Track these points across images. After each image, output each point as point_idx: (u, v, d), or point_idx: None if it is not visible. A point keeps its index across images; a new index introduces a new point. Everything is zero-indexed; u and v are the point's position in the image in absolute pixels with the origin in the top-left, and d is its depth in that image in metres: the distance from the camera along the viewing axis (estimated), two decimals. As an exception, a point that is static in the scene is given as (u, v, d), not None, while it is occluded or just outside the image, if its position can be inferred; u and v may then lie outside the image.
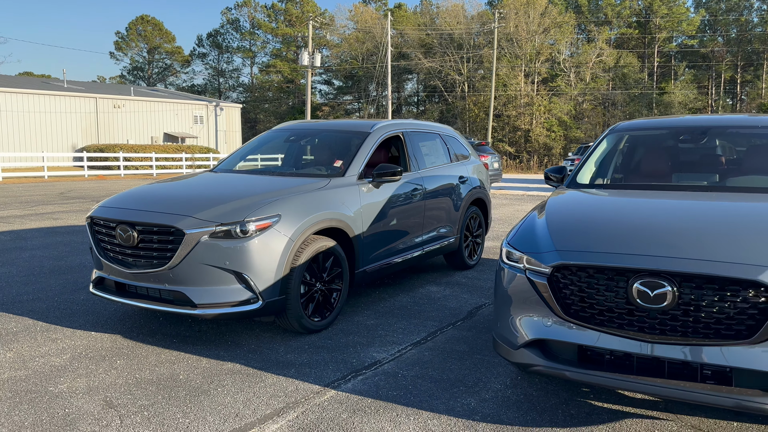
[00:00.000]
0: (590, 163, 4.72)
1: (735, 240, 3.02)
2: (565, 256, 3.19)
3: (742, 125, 4.90)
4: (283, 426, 3.34)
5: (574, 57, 60.19)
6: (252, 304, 4.43)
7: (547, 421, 3.41)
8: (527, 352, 3.33)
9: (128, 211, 4.68)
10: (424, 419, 3.43)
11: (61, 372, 4.05)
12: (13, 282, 6.54)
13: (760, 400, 2.77)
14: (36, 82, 43.77)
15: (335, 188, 5.22)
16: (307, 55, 38.98)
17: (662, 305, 2.90)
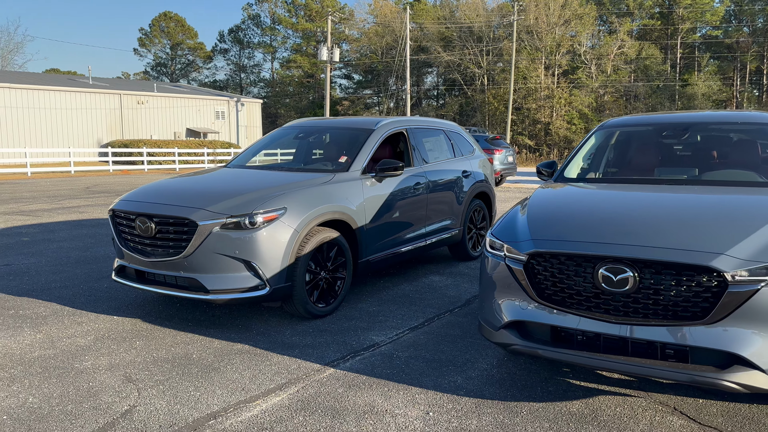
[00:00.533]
0: (578, 158, 4.99)
1: (693, 229, 3.28)
2: (539, 245, 3.48)
3: (722, 121, 5.12)
4: (284, 399, 3.68)
5: (595, 49, 59.74)
6: (260, 290, 4.78)
7: (525, 396, 3.71)
8: (506, 332, 3.63)
9: (147, 204, 5.06)
10: (412, 394, 3.75)
11: (86, 351, 4.45)
12: (42, 271, 6.98)
13: (713, 375, 3.04)
14: (62, 79, 44.74)
15: (339, 183, 5.54)
16: (326, 51, 39.33)
17: (625, 289, 3.18)
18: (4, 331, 4.86)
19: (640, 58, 58.81)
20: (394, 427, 3.32)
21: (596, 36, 61.95)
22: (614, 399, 3.66)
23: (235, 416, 3.45)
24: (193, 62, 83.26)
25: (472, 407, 3.57)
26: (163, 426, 3.33)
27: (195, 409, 3.54)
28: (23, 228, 10.30)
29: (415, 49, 64.60)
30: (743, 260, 3.01)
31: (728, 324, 3.00)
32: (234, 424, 3.35)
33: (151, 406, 3.58)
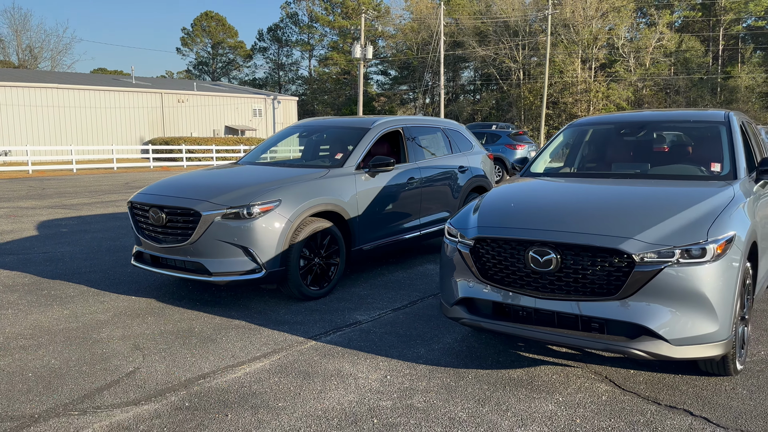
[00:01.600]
0: (545, 155, 5.42)
1: (612, 217, 3.72)
2: (483, 231, 3.96)
3: (674, 120, 5.46)
4: (266, 364, 4.25)
5: (634, 42, 58.85)
6: (256, 273, 5.37)
7: (476, 365, 4.19)
8: (458, 308, 4.12)
9: (159, 197, 5.70)
10: (377, 361, 4.27)
11: (104, 325, 5.11)
12: (75, 258, 7.74)
13: (624, 344, 3.48)
14: (107, 79, 46.52)
15: (333, 177, 6.09)
16: (359, 48, 39.94)
17: (550, 269, 3.64)
18: (37, 308, 5.57)
19: (680, 51, 57.72)
20: (354, 386, 3.85)
21: (635, 28, 60.97)
22: (554, 368, 4.12)
23: (222, 377, 4.04)
24: (233, 61, 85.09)
25: (426, 372, 4.07)
26: (159, 383, 3.94)
27: (189, 371, 4.14)
28: (63, 220, 11.17)
29: (451, 44, 64.72)
30: (649, 244, 3.44)
31: (637, 299, 3.44)
32: (219, 383, 3.94)
33: (152, 368, 4.19)
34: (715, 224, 3.54)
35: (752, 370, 4.03)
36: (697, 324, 3.42)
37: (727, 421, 3.33)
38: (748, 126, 5.55)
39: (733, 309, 3.52)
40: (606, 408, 3.52)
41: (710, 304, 3.40)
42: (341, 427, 3.34)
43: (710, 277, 3.41)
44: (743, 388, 3.74)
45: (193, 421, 3.42)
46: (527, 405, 3.57)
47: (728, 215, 3.68)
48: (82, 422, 3.41)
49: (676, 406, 3.54)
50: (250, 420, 3.43)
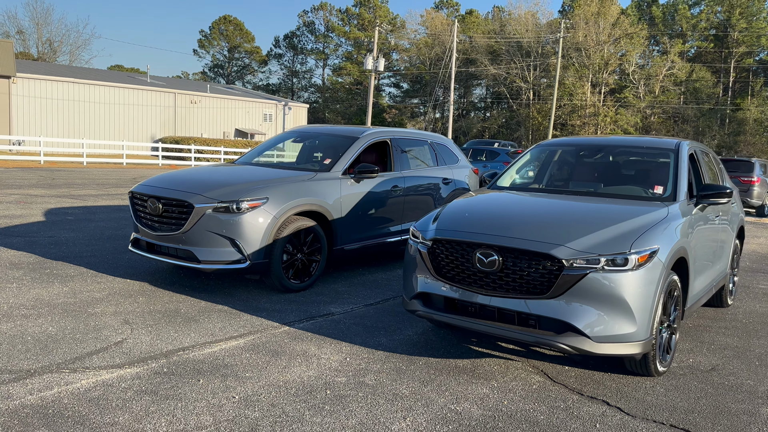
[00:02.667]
0: (512, 171, 5.89)
1: (550, 226, 4.19)
2: (439, 233, 4.43)
3: (631, 145, 5.93)
4: (240, 342, 4.72)
5: (644, 69, 59.39)
6: (241, 263, 5.86)
7: (428, 354, 4.65)
8: (415, 301, 4.58)
9: (157, 189, 6.20)
10: (340, 346, 4.74)
11: (99, 302, 5.59)
12: (78, 243, 8.25)
13: (551, 338, 3.93)
14: (123, 76, 47.39)
15: (319, 180, 6.58)
16: (372, 60, 40.63)
17: (493, 269, 4.10)
18: (39, 284, 6.07)
19: (690, 80, 58.23)
20: (315, 365, 4.32)
21: (646, 56, 61.52)
22: (497, 360, 4.58)
23: (199, 351, 4.51)
24: (248, 65, 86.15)
25: (382, 357, 4.53)
26: (143, 352, 4.42)
27: (170, 344, 4.61)
28: (70, 209, 11.71)
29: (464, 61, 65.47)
30: (578, 251, 3.90)
31: (565, 299, 3.90)
32: (196, 355, 4.41)
33: (138, 340, 4.67)
34: (641, 238, 4.00)
35: (675, 374, 4.47)
36: (617, 324, 3.87)
37: (636, 412, 3.77)
38: (703, 155, 6.02)
39: (652, 314, 3.97)
40: (534, 395, 3.97)
41: (629, 308, 3.85)
42: (297, 395, 3.80)
43: (631, 283, 3.86)
44: (661, 387, 4.18)
45: (168, 383, 3.89)
46: (464, 387, 4.03)
47: (655, 231, 4.14)
48: (72, 378, 3.89)
49: (596, 397, 3.98)
50: (218, 385, 3.89)
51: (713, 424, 3.64)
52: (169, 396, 3.71)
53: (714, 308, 6.49)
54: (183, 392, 3.77)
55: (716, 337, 5.48)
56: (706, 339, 5.39)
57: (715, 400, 4.02)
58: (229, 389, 3.83)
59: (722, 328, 5.79)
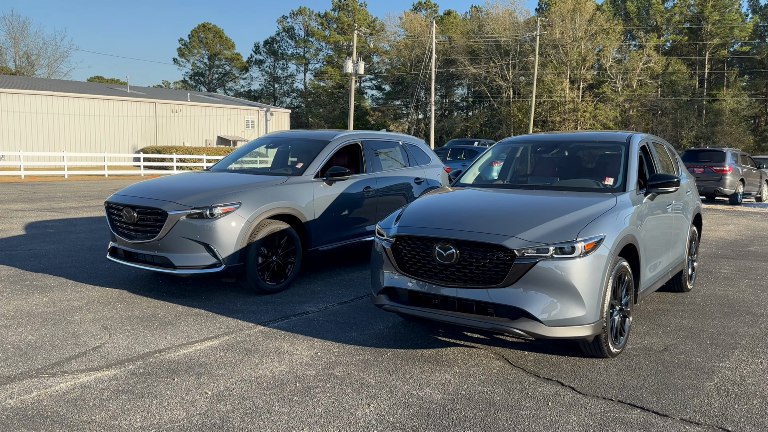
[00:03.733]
0: (475, 168, 6.13)
1: (502, 219, 4.42)
2: (401, 230, 4.65)
3: (585, 140, 6.20)
4: (216, 343, 4.91)
5: (621, 64, 60.11)
6: (216, 267, 6.04)
7: (397, 345, 4.86)
8: (382, 296, 4.79)
9: (132, 197, 6.37)
10: (312, 342, 4.94)
11: (78, 310, 5.75)
12: (58, 255, 8.39)
13: (506, 324, 4.16)
14: (102, 87, 47.26)
15: (291, 184, 6.78)
16: (351, 63, 40.87)
17: (451, 261, 4.32)
18: (19, 295, 6.21)
19: (666, 74, 59.02)
20: (287, 360, 4.51)
21: (623, 50, 62.25)
22: (461, 349, 4.80)
23: (175, 352, 4.69)
24: (229, 72, 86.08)
25: (352, 351, 4.74)
26: (120, 355, 4.59)
27: (147, 347, 4.79)
28: (51, 222, 11.81)
29: (444, 61, 65.88)
30: (528, 241, 4.13)
31: (517, 287, 4.13)
32: (172, 356, 4.59)
33: (116, 344, 4.84)
34: (587, 227, 4.25)
35: (629, 355, 4.71)
36: (568, 308, 4.11)
37: (588, 390, 4.01)
38: (657, 147, 6.29)
39: (601, 298, 4.21)
40: (492, 379, 4.19)
41: (578, 293, 4.09)
42: (268, 388, 4.00)
43: (579, 270, 4.10)
44: (614, 367, 4.42)
45: (144, 382, 4.08)
46: (428, 374, 4.25)
47: (603, 220, 4.39)
48: (51, 382, 4.06)
49: (551, 378, 4.21)
50: (192, 383, 4.08)
51: (658, 398, 3.89)
52: (145, 394, 3.89)
53: (674, 293, 6.76)
54: (158, 390, 3.95)
55: (673, 319, 5.74)
56: (662, 321, 5.65)
57: (664, 377, 4.27)
58: (203, 386, 4.02)
59: (679, 311, 6.05)
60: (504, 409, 3.71)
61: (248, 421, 3.53)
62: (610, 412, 3.69)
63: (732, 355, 4.76)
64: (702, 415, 3.68)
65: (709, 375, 4.32)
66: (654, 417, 3.63)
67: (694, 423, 3.57)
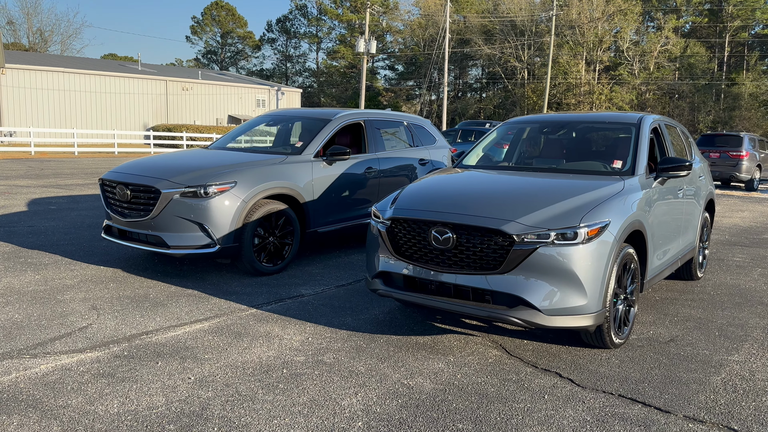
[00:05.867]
0: (478, 149, 5.90)
1: (502, 203, 4.21)
2: (396, 213, 4.45)
3: (594, 121, 5.94)
4: (205, 326, 4.77)
5: (639, 46, 59.02)
6: (211, 248, 5.89)
7: (392, 332, 4.70)
8: (377, 281, 4.62)
9: (126, 175, 6.22)
10: (304, 327, 4.78)
11: (69, 289, 5.63)
12: (57, 232, 8.28)
13: (503, 312, 3.97)
14: (114, 65, 47.12)
15: (290, 164, 6.59)
16: (363, 43, 40.39)
17: (448, 246, 4.13)
18: (12, 273, 6.11)
19: (684, 56, 57.85)
20: (276, 345, 4.36)
21: (641, 32, 61.11)
22: (458, 336, 4.62)
23: (163, 334, 4.55)
24: (242, 51, 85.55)
25: (344, 336, 4.58)
26: (106, 337, 4.46)
27: (134, 328, 4.66)
28: (54, 198, 11.73)
29: (458, 41, 65.08)
30: (528, 226, 3.93)
31: (516, 274, 3.93)
32: (159, 339, 4.45)
33: (103, 325, 4.71)
34: (592, 212, 4.03)
35: (633, 346, 4.52)
36: (568, 297, 3.91)
37: (587, 383, 3.82)
38: (670, 129, 6.02)
39: (604, 286, 4.01)
40: (488, 368, 4.02)
41: (579, 281, 3.89)
42: (253, 374, 3.85)
43: (581, 257, 3.90)
44: (617, 359, 4.23)
45: (127, 366, 3.94)
46: (421, 363, 4.08)
47: (608, 205, 4.17)
48: (32, 363, 3.93)
49: (550, 369, 4.03)
50: (176, 367, 3.94)
51: (661, 393, 3.69)
52: (126, 378, 3.75)
53: (684, 281, 6.53)
54: (140, 374, 3.82)
55: (681, 309, 5.53)
56: (670, 311, 5.44)
57: (668, 370, 4.07)
58: (186, 371, 3.88)
59: (688, 300, 5.83)
60: (497, 402, 3.54)
61: (229, 409, 3.38)
62: (610, 406, 3.51)
63: (741, 347, 4.55)
64: (707, 412, 3.49)
65: (716, 369, 4.12)
66: (656, 413, 3.44)
67: (698, 420, 3.38)
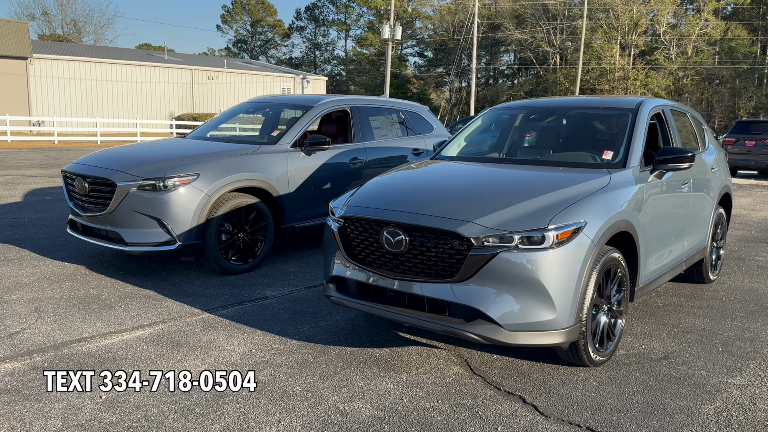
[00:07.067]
0: (460, 138, 5.34)
1: (463, 200, 3.68)
2: (349, 210, 3.96)
3: (583, 106, 5.30)
4: (145, 333, 4.35)
5: (676, 29, 56.93)
6: (170, 245, 5.48)
7: (347, 343, 4.21)
8: (330, 286, 4.14)
9: (85, 167, 5.84)
10: (252, 335, 4.33)
11: (21, 287, 5.29)
12: (38, 225, 8.00)
13: (460, 327, 3.45)
14: (141, 54, 47.35)
15: (262, 154, 6.13)
16: (388, 29, 39.65)
17: (400, 250, 3.62)
18: (-31, 270, 5.80)
19: (725, 39, 55.58)
20: (213, 358, 3.92)
21: (678, 15, 58.91)
22: (421, 349, 4.12)
23: (96, 342, 4.15)
24: (271, 39, 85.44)
25: (293, 348, 4.12)
26: (34, 345, 4.08)
27: (68, 335, 4.27)
28: (54, 189, 11.51)
29: (488, 26, 63.79)
30: (487, 228, 3.39)
31: (474, 283, 3.40)
32: (89, 348, 4.05)
33: (36, 330, 4.34)
34: (564, 212, 3.47)
35: (619, 363, 3.95)
36: (533, 310, 3.37)
37: (553, 411, 3.29)
38: (677, 115, 5.38)
39: (577, 298, 3.46)
40: (442, 390, 3.51)
41: (546, 291, 3.34)
42: (165, 393, 3.41)
43: (549, 264, 3.35)
44: (595, 380, 3.68)
45: (39, 380, 3.54)
46: (367, 382, 3.59)
47: (586, 203, 3.60)
48: (-63, 376, 3.57)
49: (514, 392, 3.50)
50: (92, 383, 3.53)
51: (638, 426, 3.14)
52: (31, 396, 3.36)
53: (693, 284, 5.89)
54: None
55: (684, 318, 4.91)
56: (670, 321, 4.83)
57: (653, 395, 3.50)
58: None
59: (695, 307, 5.21)
60: (440, 434, 3.03)
61: (127, 438, 2.95)
62: (573, 443, 2.98)
63: (746, 368, 3.95)
64: (690, 452, 2.93)
65: (710, 395, 3.53)
66: (626, 453, 2.90)
67: (676, 464, 2.82)
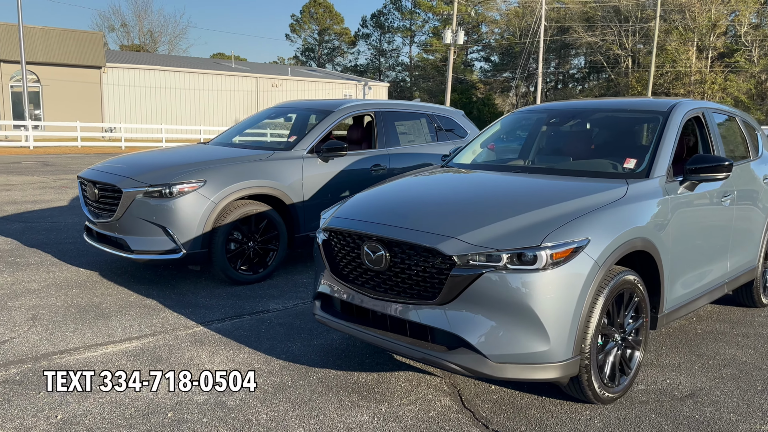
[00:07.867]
0: (475, 144, 4.92)
1: (450, 213, 3.29)
2: (333, 222, 3.64)
3: (609, 109, 4.74)
4: (130, 346, 4.17)
5: (759, 30, 53.75)
6: (175, 253, 5.32)
7: (334, 366, 3.89)
8: (316, 302, 3.83)
9: (98, 173, 5.78)
10: (238, 353, 4.08)
11: (28, 293, 5.25)
12: (71, 228, 8.09)
13: (441, 355, 3.07)
14: (208, 63, 48.74)
15: (276, 160, 5.91)
16: (450, 34, 39.24)
17: (381, 267, 3.27)
18: (-13, 274, 5.84)
19: (813, 39, 52.05)
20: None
21: (761, 14, 55.63)
22: (412, 375, 3.75)
23: (78, 355, 4.00)
24: (338, 47, 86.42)
25: (275, 369, 3.83)
26: (16, 355, 3.97)
27: (54, 346, 4.14)
28: (102, 194, 11.75)
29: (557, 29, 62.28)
30: (472, 245, 3.00)
31: (457, 306, 3.02)
32: (69, 361, 3.90)
33: (24, 340, 4.24)
34: (563, 227, 3.03)
35: (634, 400, 3.45)
36: (522, 340, 2.95)
37: (542, 457, 2.86)
38: (721, 120, 4.78)
39: (577, 326, 3.01)
40: (421, 425, 3.13)
41: (537, 319, 2.92)
42: (131, 417, 3.19)
43: (542, 287, 2.92)
44: (600, 420, 3.21)
45: (6, 395, 3.40)
46: (341, 413, 3.25)
47: (592, 217, 3.15)
48: None
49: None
50: (56, 399, 3.36)
51: (640, 483, 2.67)
52: (-13, 413, 3.21)
53: (743, 308, 5.24)
54: (8, 408, 3.26)
55: (724, 348, 4.32)
56: (707, 350, 4.26)
57: (667, 443, 3.01)
58: (61, 405, 3.28)
59: (739, 335, 4.59)
60: (403, 481, 2.67)
61: (63, 467, 2.73)
62: (556, 499, 2.55)
63: (788, 412, 3.38)
64: None
65: (737, 446, 3.01)
66: None
67: None
